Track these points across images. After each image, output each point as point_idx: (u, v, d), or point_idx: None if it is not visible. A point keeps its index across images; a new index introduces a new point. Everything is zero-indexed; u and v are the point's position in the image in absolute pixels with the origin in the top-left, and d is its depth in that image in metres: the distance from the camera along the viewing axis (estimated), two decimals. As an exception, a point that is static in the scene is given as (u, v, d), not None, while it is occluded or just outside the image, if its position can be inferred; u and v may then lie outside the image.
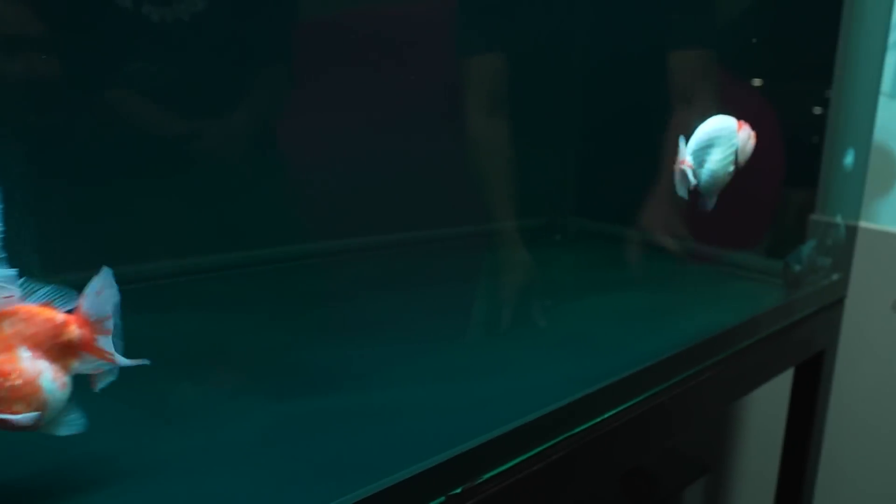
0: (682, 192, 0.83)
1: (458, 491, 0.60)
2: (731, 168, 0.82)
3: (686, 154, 0.83)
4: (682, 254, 1.20)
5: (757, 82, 1.19)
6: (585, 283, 1.07)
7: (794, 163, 1.19)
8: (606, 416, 0.79)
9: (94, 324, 0.44)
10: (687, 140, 0.81)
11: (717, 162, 0.81)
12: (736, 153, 0.83)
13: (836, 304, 1.16)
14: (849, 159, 1.08)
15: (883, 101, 1.24)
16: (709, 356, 0.94)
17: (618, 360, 0.86)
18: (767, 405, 1.41)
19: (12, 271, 0.40)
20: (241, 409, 0.67)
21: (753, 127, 1.19)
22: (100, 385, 0.45)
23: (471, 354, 0.82)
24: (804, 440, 1.21)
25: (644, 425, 0.83)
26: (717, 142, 0.83)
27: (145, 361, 0.45)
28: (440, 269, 1.01)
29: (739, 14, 1.23)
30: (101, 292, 0.43)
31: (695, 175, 0.81)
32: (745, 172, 1.20)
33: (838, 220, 1.11)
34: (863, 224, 1.28)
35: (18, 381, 0.41)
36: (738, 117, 1.16)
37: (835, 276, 1.14)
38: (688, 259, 1.18)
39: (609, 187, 1.17)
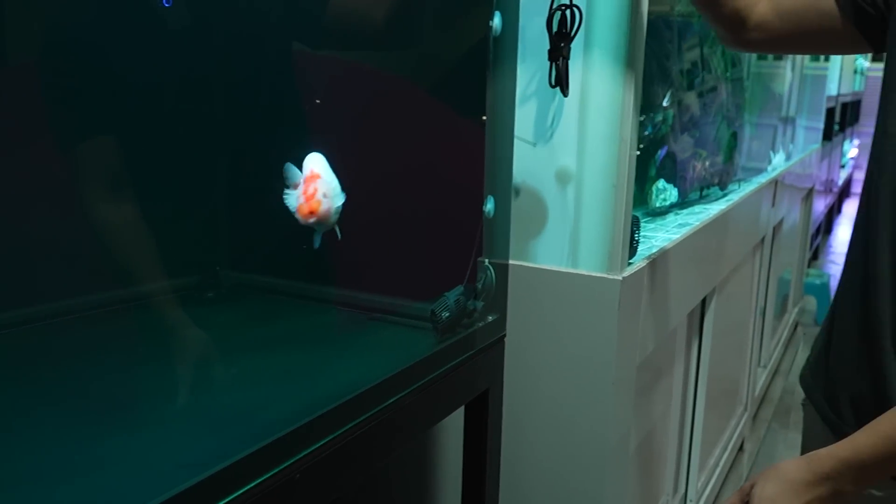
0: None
1: None
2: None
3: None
4: (344, 304, 1.20)
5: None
6: (235, 343, 1.02)
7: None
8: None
9: None
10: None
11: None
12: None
13: (495, 344, 1.21)
14: (489, 206, 1.14)
15: (529, 149, 1.33)
16: (359, 412, 0.93)
17: (252, 431, 0.81)
18: (452, 442, 1.44)
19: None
20: None
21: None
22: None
23: (69, 450, 0.73)
24: (479, 476, 1.25)
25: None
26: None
27: None
28: (63, 348, 0.91)
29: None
30: None
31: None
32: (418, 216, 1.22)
33: (486, 263, 1.16)
34: (521, 263, 1.36)
35: None
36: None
37: (491, 318, 1.19)
38: (351, 310, 1.18)
39: (261, 237, 1.13)
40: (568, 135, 1.30)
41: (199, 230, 1.14)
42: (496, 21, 1.08)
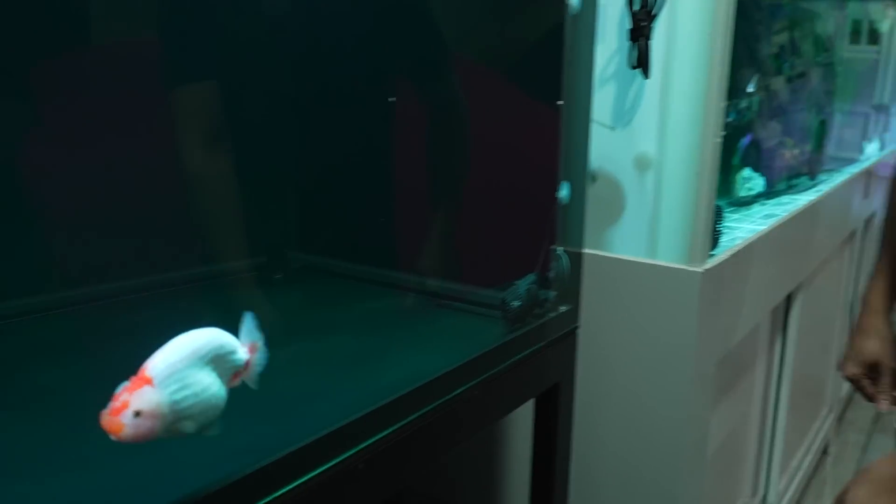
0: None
1: None
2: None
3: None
4: (413, 290, 1.18)
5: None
6: (301, 326, 1.01)
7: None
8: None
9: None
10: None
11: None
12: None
13: (567, 336, 1.17)
14: (564, 192, 1.09)
15: (607, 134, 1.27)
16: (423, 403, 0.91)
17: (315, 418, 0.80)
18: (521, 434, 1.41)
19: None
20: None
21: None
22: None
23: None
24: (549, 471, 1.21)
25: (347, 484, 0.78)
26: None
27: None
28: (134, 326, 0.91)
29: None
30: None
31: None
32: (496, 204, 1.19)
33: (560, 251, 1.11)
34: (597, 252, 1.31)
35: None
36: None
37: (563, 308, 1.14)
38: (419, 295, 1.15)
39: (332, 221, 1.12)
40: (648, 119, 1.24)
41: (269, 211, 1.14)
42: (575, -1, 1.03)
